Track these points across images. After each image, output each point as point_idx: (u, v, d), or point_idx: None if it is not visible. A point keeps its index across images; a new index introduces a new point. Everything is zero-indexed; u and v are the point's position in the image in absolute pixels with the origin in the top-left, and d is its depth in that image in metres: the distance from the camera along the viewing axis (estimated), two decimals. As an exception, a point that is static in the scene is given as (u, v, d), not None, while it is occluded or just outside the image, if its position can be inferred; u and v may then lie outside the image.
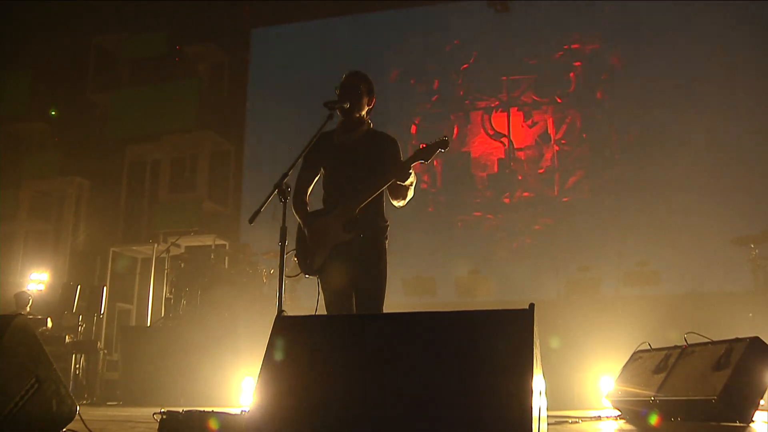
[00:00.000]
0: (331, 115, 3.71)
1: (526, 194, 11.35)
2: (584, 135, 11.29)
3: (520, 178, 11.36)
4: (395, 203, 3.89)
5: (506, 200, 11.33)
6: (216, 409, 3.27)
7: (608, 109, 11.09)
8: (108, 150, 12.93)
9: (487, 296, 10.10)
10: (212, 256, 11.25)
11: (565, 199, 11.07)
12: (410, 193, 3.82)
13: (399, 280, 9.63)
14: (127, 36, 13.15)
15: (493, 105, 11.71)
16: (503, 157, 11.50)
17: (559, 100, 11.51)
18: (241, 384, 8.08)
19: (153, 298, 11.07)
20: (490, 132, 11.52)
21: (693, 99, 10.40)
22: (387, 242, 3.82)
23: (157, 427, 3.12)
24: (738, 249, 8.70)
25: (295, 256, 3.84)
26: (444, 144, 3.68)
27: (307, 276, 3.87)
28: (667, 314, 7.35)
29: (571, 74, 11.50)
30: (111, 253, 11.85)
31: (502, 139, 11.45)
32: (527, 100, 11.66)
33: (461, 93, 11.97)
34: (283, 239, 3.33)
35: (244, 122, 12.86)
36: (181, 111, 12.40)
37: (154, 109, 12.49)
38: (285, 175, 3.44)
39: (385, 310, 3.72)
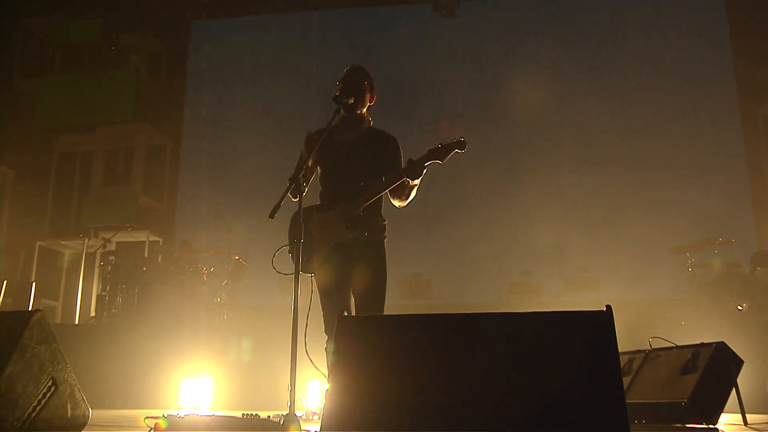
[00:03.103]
0: (339, 110, 3.60)
1: (467, 198, 11.41)
2: (524, 143, 11.44)
3: (462, 182, 11.40)
4: (396, 203, 3.81)
5: (447, 204, 11.36)
6: (217, 412, 3.10)
7: (549, 117, 11.27)
8: (35, 139, 12.32)
9: (429, 299, 10.12)
10: (146, 253, 10.93)
11: (506, 205, 11.18)
12: (413, 194, 3.75)
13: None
14: (59, 21, 12.55)
15: (433, 109, 11.75)
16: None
17: (500, 108, 11.63)
18: (180, 385, 7.83)
19: (82, 295, 10.63)
20: (434, 137, 11.53)
21: (630, 113, 10.72)
22: (386, 241, 3.74)
23: None
24: (675, 257, 9.01)
25: (289, 252, 3.68)
26: (461, 145, 3.63)
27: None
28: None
29: (514, 82, 11.63)
30: (37, 247, 11.32)
31: (446, 144, 11.47)
32: (468, 106, 11.74)
33: (401, 96, 11.95)
34: (299, 236, 3.18)
35: (182, 116, 12.49)
36: (116, 101, 11.93)
37: (87, 98, 11.97)
38: (300, 169, 3.32)
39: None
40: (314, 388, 7.23)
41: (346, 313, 2.65)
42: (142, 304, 8.62)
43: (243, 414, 3.04)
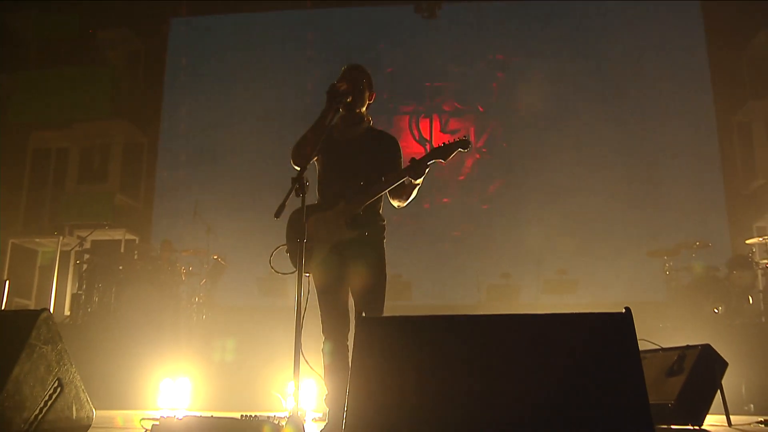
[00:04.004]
0: (338, 109, 3.56)
1: (445, 200, 11.45)
2: (504, 144, 11.52)
3: (440, 184, 11.45)
4: (396, 203, 3.79)
5: (426, 206, 11.39)
6: (215, 414, 3.05)
7: (528, 120, 11.34)
8: (9, 135, 12.08)
9: (409, 300, 10.11)
10: (122, 251, 10.79)
11: (484, 207, 11.25)
12: (414, 194, 3.73)
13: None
14: (36, 14, 12.33)
15: (416, 110, 11.78)
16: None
17: (481, 109, 11.70)
18: (158, 386, 7.76)
19: (56, 293, 10.46)
20: (416, 137, 11.58)
21: (610, 115, 10.82)
22: (385, 242, 3.72)
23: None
24: (653, 261, 9.11)
25: (287, 251, 3.63)
26: (464, 144, 3.62)
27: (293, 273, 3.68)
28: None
29: (494, 84, 11.71)
30: (10, 244, 11.12)
31: (426, 146, 11.52)
32: (449, 107, 11.79)
33: (384, 96, 11.95)
34: (302, 236, 3.14)
35: (160, 114, 12.35)
36: (93, 98, 11.75)
37: (64, 94, 11.77)
38: (303, 169, 3.27)
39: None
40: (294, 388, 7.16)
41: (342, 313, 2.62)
42: (119, 303, 8.50)
43: (242, 415, 3.00)
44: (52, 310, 10.27)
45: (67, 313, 9.93)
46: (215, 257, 9.57)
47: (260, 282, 9.88)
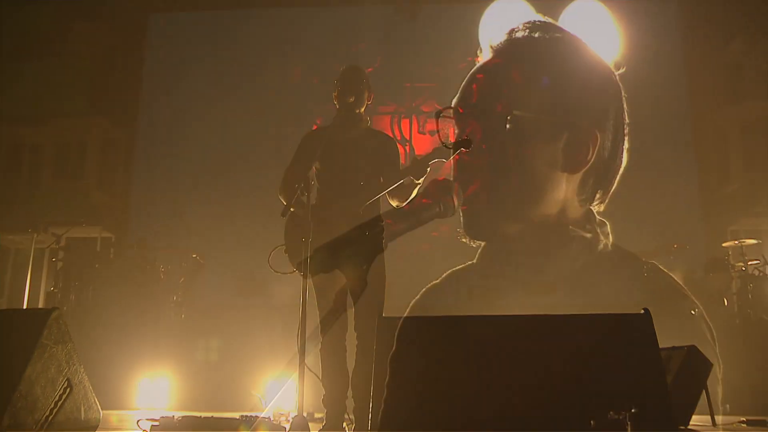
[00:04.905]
0: (340, 109, 3.56)
1: (425, 201, 11.42)
2: (483, 146, 11.51)
3: (421, 185, 11.45)
4: (395, 203, 3.79)
5: (406, 207, 11.35)
6: (215, 414, 3.02)
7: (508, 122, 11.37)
8: (-19, 130, 11.89)
9: (389, 301, 10.08)
10: (98, 249, 10.68)
11: (463, 208, 11.26)
12: (414, 194, 3.74)
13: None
14: (10, 6, 12.10)
15: (396, 111, 11.78)
16: (404, 162, 11.53)
17: (461, 111, 11.70)
18: (137, 385, 7.71)
19: (30, 292, 10.28)
20: (398, 138, 11.58)
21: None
22: (384, 243, 3.71)
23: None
24: (631, 263, 9.19)
25: (286, 251, 3.61)
26: (467, 144, 3.63)
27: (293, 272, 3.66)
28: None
29: (474, 86, 11.72)
30: (-18, 241, 10.94)
31: (407, 146, 11.53)
32: (429, 108, 11.80)
33: (364, 96, 11.91)
34: (307, 235, 3.13)
35: (137, 110, 12.20)
36: (69, 93, 11.59)
37: (38, 88, 11.60)
38: (308, 168, 3.26)
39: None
40: (274, 389, 7.16)
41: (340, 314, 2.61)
42: (96, 302, 8.40)
43: (242, 415, 2.98)
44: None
45: (41, 311, 9.77)
46: (194, 256, 9.49)
47: (240, 281, 9.81)
